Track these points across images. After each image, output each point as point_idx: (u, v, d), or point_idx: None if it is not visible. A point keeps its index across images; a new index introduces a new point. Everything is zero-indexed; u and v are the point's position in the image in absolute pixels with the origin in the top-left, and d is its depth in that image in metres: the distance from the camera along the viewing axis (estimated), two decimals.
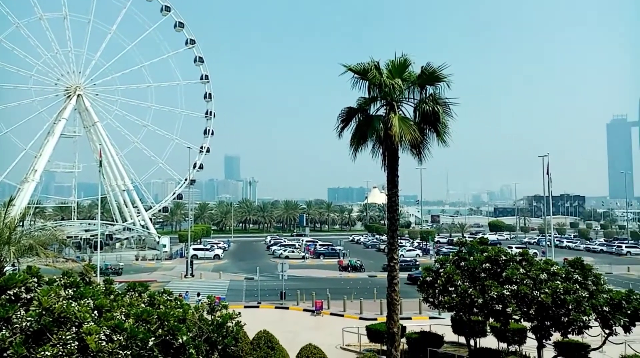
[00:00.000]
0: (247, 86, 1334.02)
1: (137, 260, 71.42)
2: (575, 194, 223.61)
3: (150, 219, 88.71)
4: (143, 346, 9.03)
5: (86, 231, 79.59)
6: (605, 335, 18.93)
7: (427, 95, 18.81)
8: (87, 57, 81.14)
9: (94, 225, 76.88)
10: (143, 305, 10.84)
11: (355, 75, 18.68)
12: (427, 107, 18.30)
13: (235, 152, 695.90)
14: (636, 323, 18.39)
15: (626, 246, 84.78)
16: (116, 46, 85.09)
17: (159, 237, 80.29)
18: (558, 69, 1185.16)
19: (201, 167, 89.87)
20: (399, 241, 21.15)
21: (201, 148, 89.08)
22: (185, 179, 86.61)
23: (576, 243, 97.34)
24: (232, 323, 12.19)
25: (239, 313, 12.87)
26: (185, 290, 38.93)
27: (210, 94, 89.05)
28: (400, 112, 18.77)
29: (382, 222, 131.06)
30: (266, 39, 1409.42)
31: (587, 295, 18.17)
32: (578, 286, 18.38)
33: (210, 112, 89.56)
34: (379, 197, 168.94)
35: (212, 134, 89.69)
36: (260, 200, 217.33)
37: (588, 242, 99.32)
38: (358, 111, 19.34)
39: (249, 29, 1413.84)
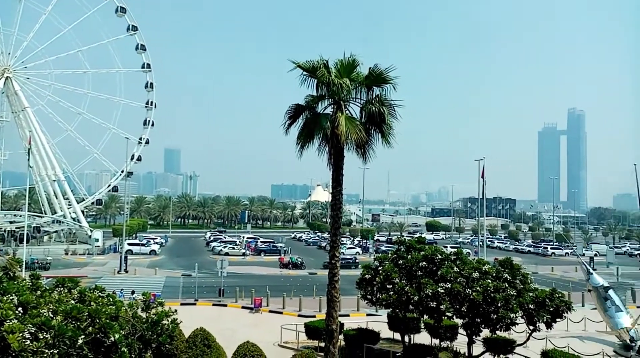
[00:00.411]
0: (191, 77, 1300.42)
1: (66, 254, 67.88)
2: (507, 198, 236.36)
3: (83, 212, 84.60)
4: (72, 344, 8.62)
5: (11, 222, 74.96)
6: (530, 331, 20.09)
7: (374, 96, 19.15)
8: (18, 38, 75.74)
9: (20, 216, 72.52)
10: (73, 302, 10.37)
11: (304, 72, 18.69)
12: (374, 108, 18.63)
13: (176, 145, 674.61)
14: (557, 319, 19.68)
15: (551, 248, 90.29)
16: (51, 28, 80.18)
17: (91, 231, 76.75)
18: (497, 76, 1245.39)
19: (139, 159, 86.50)
20: (340, 239, 21.41)
21: (140, 139, 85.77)
22: (122, 171, 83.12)
23: (506, 243, 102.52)
24: (168, 320, 11.92)
25: (175, 310, 12.60)
26: (120, 287, 37.51)
27: (151, 83, 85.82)
28: (347, 111, 19.02)
29: (324, 220, 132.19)
30: (212, 30, 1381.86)
31: (515, 294, 19.19)
32: (507, 285, 19.38)
33: (151, 102, 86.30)
34: (322, 195, 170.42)
35: (153, 125, 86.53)
36: (201, 195, 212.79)
37: (517, 243, 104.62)
38: (306, 108, 19.39)
39: (194, 19, 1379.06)
